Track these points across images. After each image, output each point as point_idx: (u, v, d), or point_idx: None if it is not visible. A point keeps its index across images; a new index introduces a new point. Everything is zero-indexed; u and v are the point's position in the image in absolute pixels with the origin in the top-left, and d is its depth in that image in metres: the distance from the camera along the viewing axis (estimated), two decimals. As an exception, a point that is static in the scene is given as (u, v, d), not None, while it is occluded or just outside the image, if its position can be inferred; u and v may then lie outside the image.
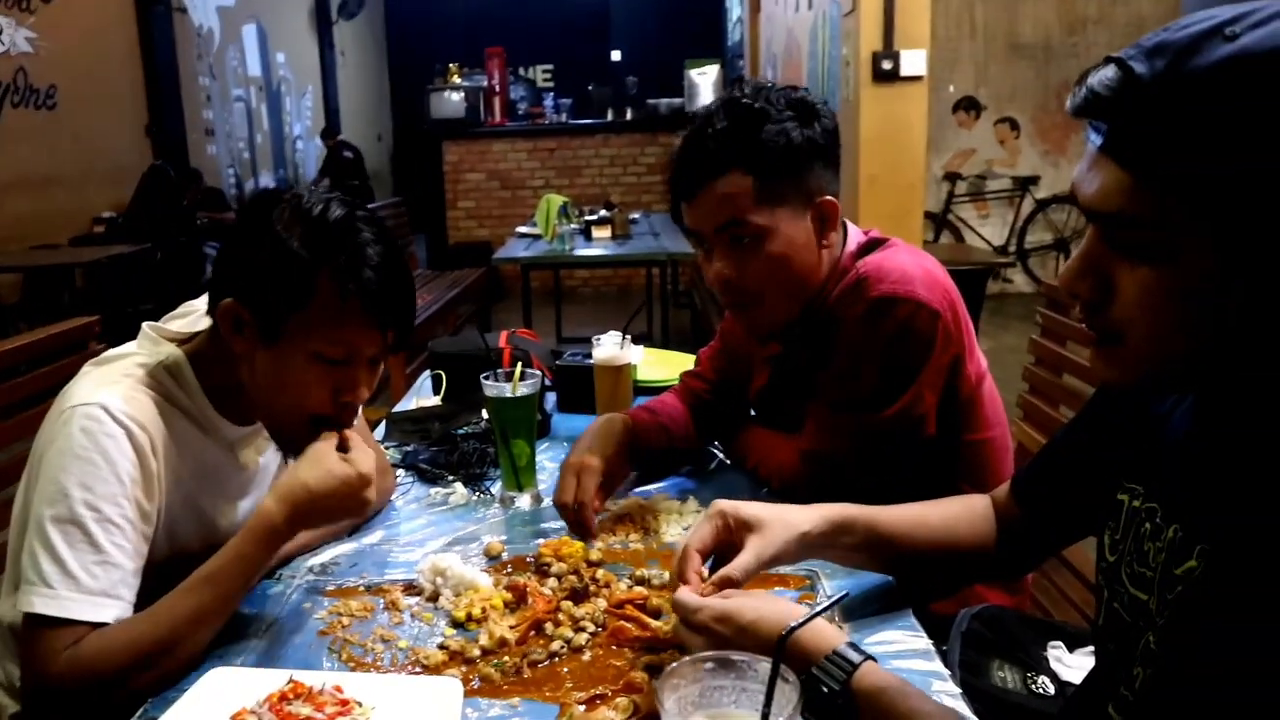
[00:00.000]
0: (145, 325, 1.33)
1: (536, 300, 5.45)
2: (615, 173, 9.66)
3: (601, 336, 1.88)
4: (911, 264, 1.45)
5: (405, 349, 1.26)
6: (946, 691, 1.02)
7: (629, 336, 1.88)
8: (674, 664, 0.70)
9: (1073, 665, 1.35)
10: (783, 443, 1.56)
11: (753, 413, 1.75)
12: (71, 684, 1.06)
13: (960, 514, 1.23)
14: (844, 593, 0.86)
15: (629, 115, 10.13)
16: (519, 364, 1.57)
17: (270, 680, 1.02)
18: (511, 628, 1.16)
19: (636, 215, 6.65)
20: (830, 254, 1.52)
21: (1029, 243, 8.52)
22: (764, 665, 0.69)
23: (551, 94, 11.63)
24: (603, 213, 5.95)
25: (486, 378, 1.55)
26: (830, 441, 1.48)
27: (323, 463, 1.21)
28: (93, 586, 1.10)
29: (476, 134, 9.80)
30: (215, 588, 1.14)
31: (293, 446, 1.29)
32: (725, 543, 1.10)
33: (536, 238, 5.59)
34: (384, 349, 1.26)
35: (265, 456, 1.43)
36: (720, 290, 1.52)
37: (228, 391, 1.30)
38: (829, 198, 1.49)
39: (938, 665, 1.08)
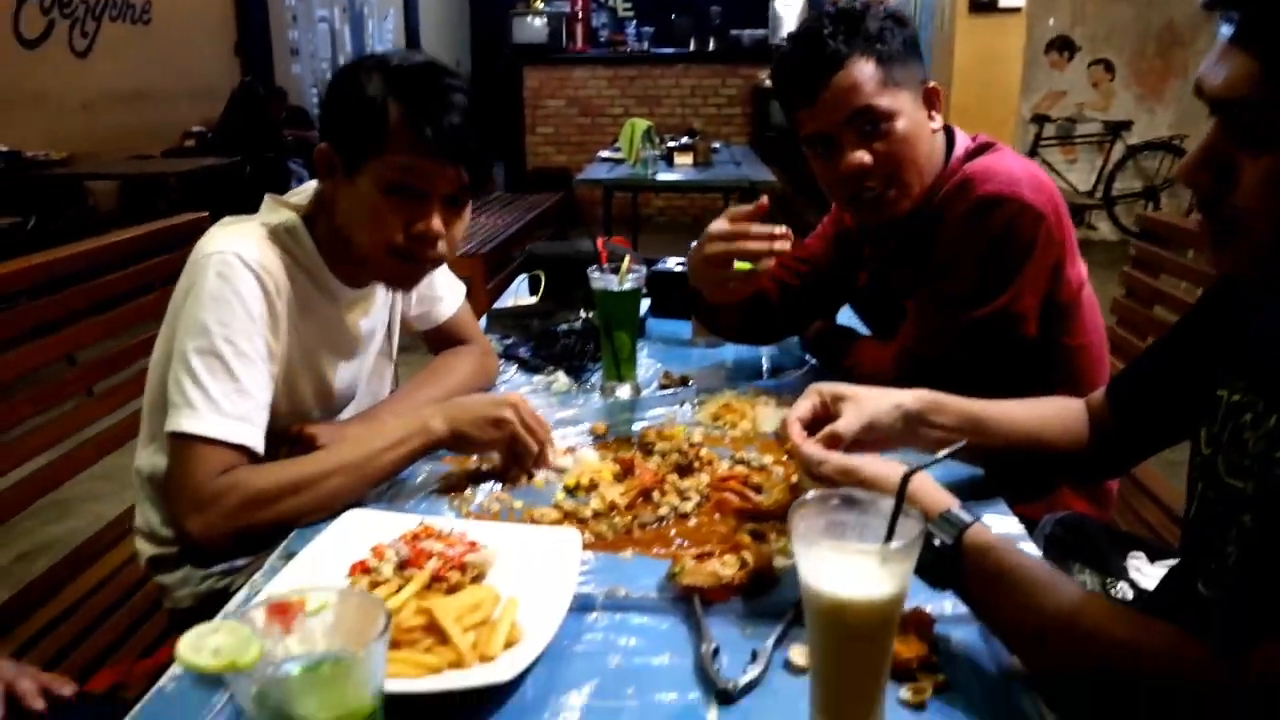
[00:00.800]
0: (267, 196, 1.43)
1: (614, 226, 5.50)
2: (695, 103, 9.58)
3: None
4: (1018, 167, 1.47)
5: (479, 191, 1.35)
6: (1039, 568, 1.07)
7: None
8: (804, 496, 0.75)
9: (1151, 575, 1.37)
10: (882, 349, 1.60)
11: (850, 309, 1.80)
12: (227, 502, 1.16)
13: (1055, 412, 1.26)
14: (962, 442, 0.90)
15: (711, 46, 9.99)
16: (625, 258, 1.61)
17: (403, 522, 1.11)
18: (621, 494, 1.22)
19: (717, 145, 6.63)
20: (937, 138, 1.56)
21: (1117, 189, 8.24)
22: (887, 502, 0.74)
23: (633, 22, 11.48)
24: (685, 140, 5.96)
25: (593, 271, 1.61)
26: (928, 338, 1.51)
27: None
28: (230, 411, 1.22)
29: (557, 60, 9.77)
30: (362, 446, 1.26)
31: (388, 280, 1.42)
32: (822, 418, 1.14)
33: (619, 162, 5.63)
34: (461, 188, 1.33)
35: (373, 320, 1.51)
36: (850, 181, 1.51)
37: (337, 248, 1.38)
38: (932, 84, 1.55)
39: (1031, 548, 1.12)
